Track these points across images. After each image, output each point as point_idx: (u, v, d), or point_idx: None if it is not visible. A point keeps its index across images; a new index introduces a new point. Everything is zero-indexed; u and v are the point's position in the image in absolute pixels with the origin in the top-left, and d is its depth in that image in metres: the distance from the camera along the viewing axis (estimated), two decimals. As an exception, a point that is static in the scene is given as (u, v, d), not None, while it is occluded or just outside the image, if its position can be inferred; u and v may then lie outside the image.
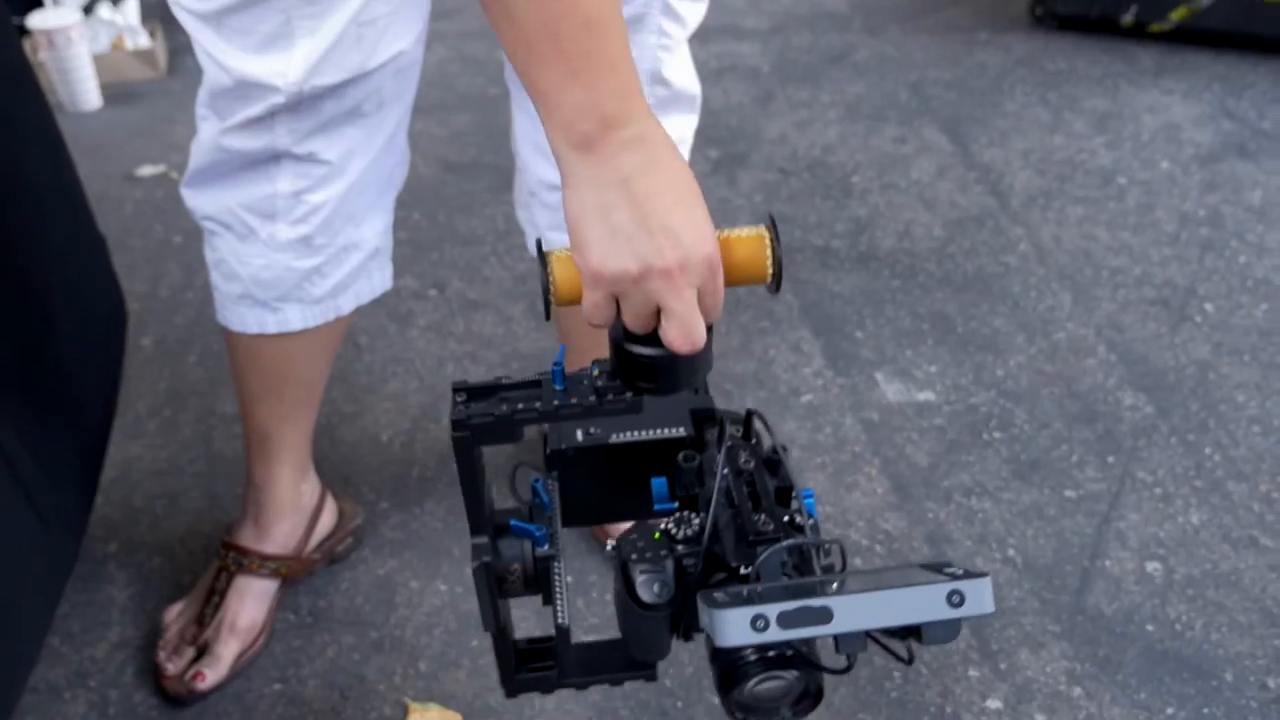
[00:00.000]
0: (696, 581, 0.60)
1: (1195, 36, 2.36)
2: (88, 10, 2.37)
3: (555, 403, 0.60)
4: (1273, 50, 2.32)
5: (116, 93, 2.23)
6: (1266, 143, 2.04)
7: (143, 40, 2.30)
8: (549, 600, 0.65)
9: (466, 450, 0.61)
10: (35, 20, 2.09)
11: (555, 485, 0.67)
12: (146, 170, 1.97)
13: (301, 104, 0.86)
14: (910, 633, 0.54)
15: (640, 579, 0.60)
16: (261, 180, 0.92)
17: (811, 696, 0.58)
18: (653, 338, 0.59)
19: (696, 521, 0.62)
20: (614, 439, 0.68)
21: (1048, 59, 2.36)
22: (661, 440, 0.68)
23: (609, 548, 0.64)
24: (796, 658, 0.56)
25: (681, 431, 0.68)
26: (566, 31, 0.51)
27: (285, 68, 0.83)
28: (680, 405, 0.69)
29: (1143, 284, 1.69)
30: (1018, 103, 2.19)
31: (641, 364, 0.60)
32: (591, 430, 0.68)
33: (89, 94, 2.17)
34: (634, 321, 0.58)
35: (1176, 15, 2.32)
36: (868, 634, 0.54)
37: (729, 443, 0.62)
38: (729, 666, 0.57)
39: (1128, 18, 2.36)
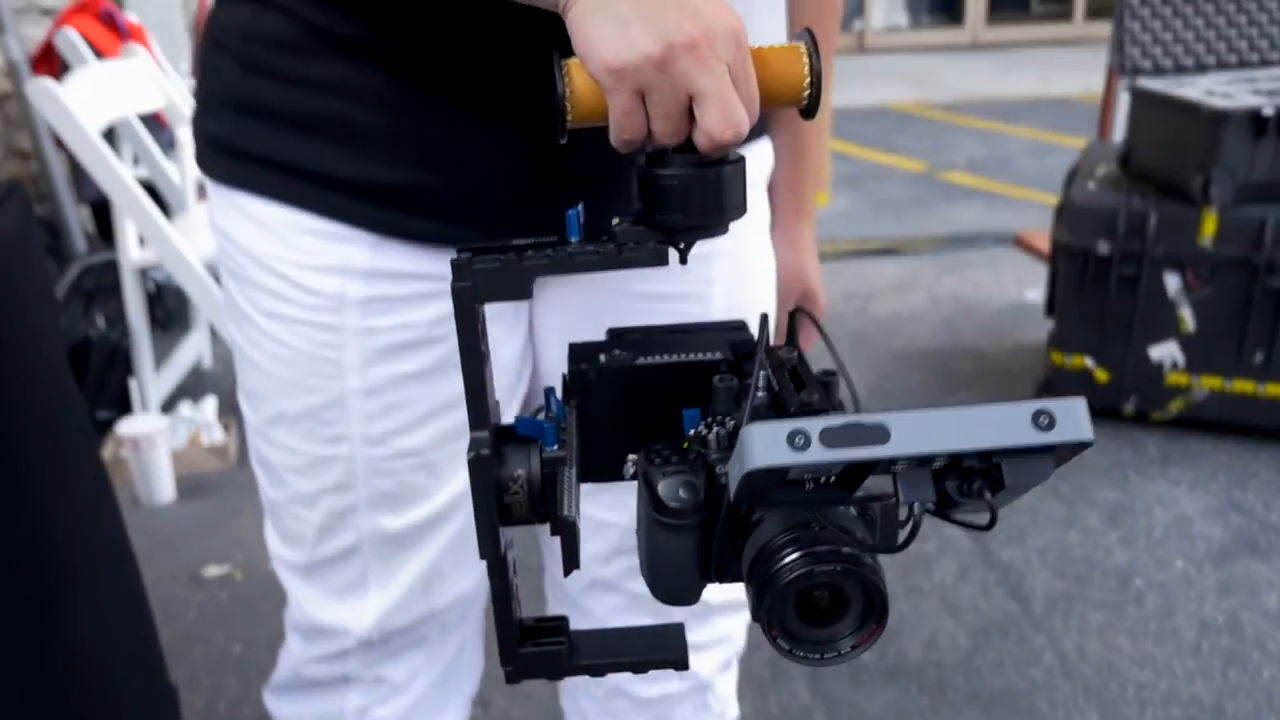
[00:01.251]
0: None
1: (1196, 424, 2.51)
2: (168, 406, 2.60)
3: (569, 252, 0.53)
4: (1272, 438, 2.46)
5: (189, 484, 2.40)
6: (1275, 538, 2.13)
7: (217, 435, 2.50)
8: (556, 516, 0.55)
9: (468, 307, 0.52)
10: (124, 427, 2.29)
11: (573, 412, 0.59)
12: (212, 570, 2.10)
13: (372, 645, 0.96)
14: (988, 479, 0.44)
15: (663, 482, 0.52)
16: (333, 697, 1.02)
17: (875, 615, 0.48)
18: (683, 153, 0.54)
19: (732, 423, 0.54)
20: (642, 361, 0.59)
21: (1058, 446, 2.50)
22: (695, 363, 0.59)
23: (628, 464, 0.56)
24: (844, 554, 0.46)
25: (718, 355, 0.59)
26: None
27: (359, 616, 0.94)
28: (718, 336, 0.62)
29: (1170, 702, 1.73)
30: (1031, 494, 2.31)
31: (670, 188, 0.54)
32: (617, 352, 0.60)
33: (164, 489, 2.34)
34: (665, 124, 0.53)
35: (1175, 406, 2.49)
36: (934, 477, 0.44)
37: (767, 334, 0.56)
38: (764, 556, 0.48)
39: (1129, 408, 2.52)
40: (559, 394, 0.59)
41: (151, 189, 2.75)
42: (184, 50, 4.41)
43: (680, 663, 0.58)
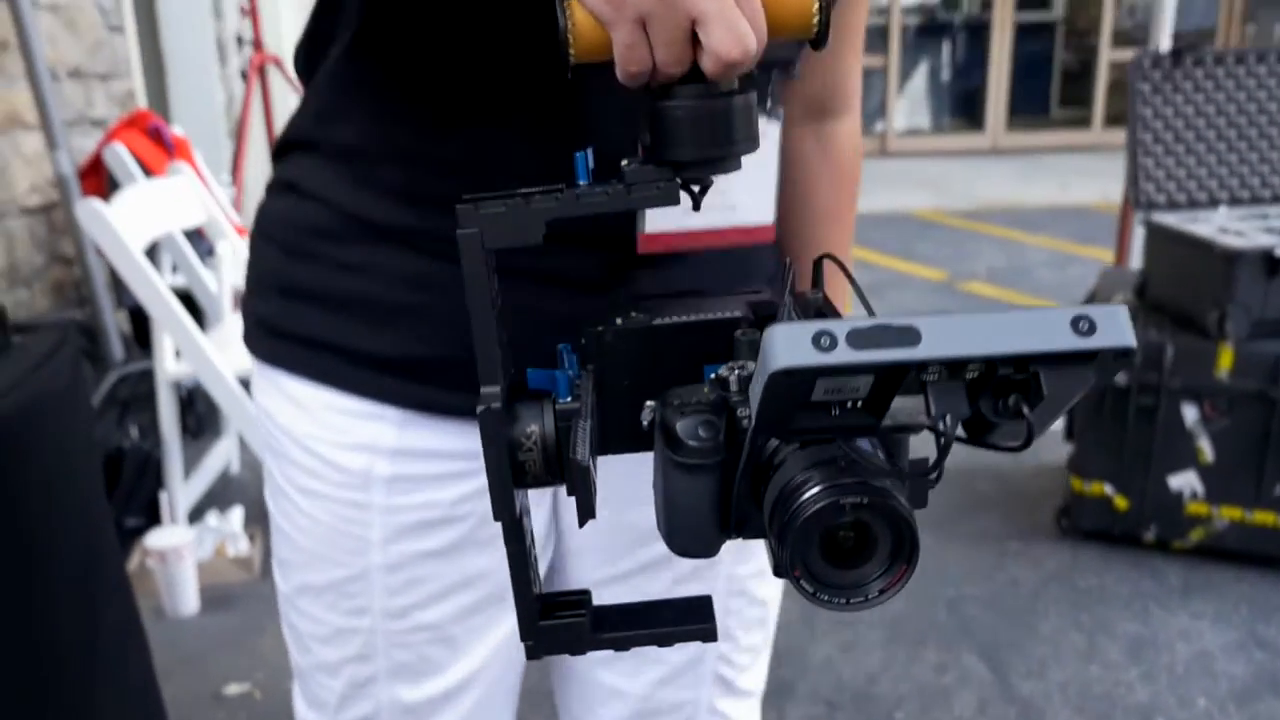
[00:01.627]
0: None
1: (1217, 554, 2.50)
2: (196, 513, 2.64)
3: (577, 194, 0.52)
4: (1294, 570, 2.45)
5: (213, 596, 2.43)
6: (1300, 677, 2.11)
7: (243, 546, 2.54)
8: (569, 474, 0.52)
9: (476, 253, 0.50)
10: (152, 539, 2.33)
11: (590, 376, 0.56)
12: (233, 689, 2.11)
13: None
14: (1024, 392, 0.42)
15: (682, 421, 0.49)
16: None
17: (905, 554, 0.46)
18: (691, 81, 0.52)
19: (753, 366, 0.51)
20: (660, 321, 0.57)
21: (1078, 574, 2.50)
22: (715, 321, 0.56)
23: (645, 410, 0.54)
24: (872, 486, 0.44)
25: (738, 313, 0.57)
26: None
27: None
28: (737, 298, 0.60)
29: None
30: (1052, 624, 2.30)
31: (678, 119, 0.52)
32: (634, 314, 0.58)
33: (188, 600, 2.37)
34: (669, 52, 0.52)
35: (1195, 535, 2.48)
36: (968, 390, 0.42)
37: (793, 274, 0.53)
38: (786, 495, 0.45)
39: (1149, 535, 2.52)
40: (571, 357, 0.56)
41: (188, 297, 2.84)
42: (225, 157, 4.56)
43: (709, 634, 0.55)
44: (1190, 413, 2.37)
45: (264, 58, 4.16)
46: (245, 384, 2.57)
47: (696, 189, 0.56)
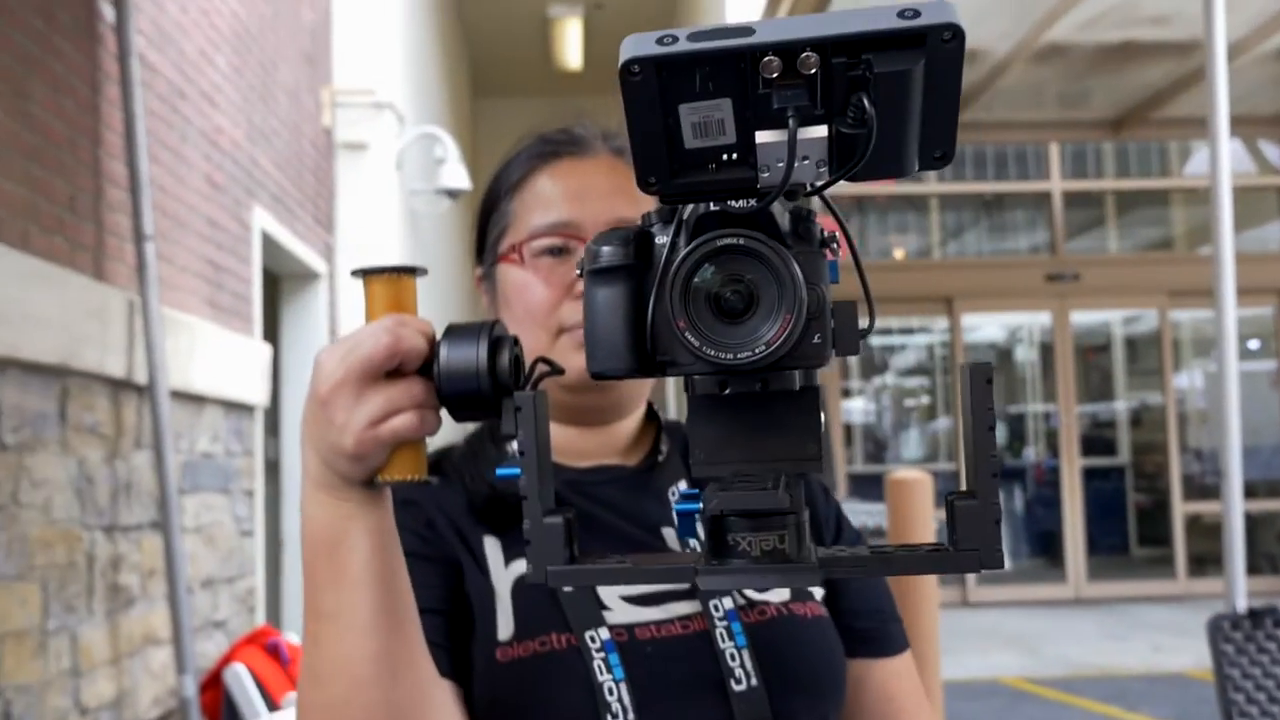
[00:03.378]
0: None
1: None
2: None
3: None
4: None
5: None
6: None
7: None
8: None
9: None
10: None
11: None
12: None
13: None
14: (864, 87, 0.45)
15: (595, 240, 0.61)
16: None
17: (790, 304, 0.51)
18: None
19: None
20: None
21: None
22: None
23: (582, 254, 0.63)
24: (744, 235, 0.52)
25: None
26: None
27: None
28: None
29: None
30: None
31: None
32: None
33: None
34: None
35: None
36: (809, 86, 0.46)
37: None
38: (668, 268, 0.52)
39: None
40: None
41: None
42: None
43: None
44: None
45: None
46: None
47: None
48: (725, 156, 0.51)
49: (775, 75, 0.47)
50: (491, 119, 10.80)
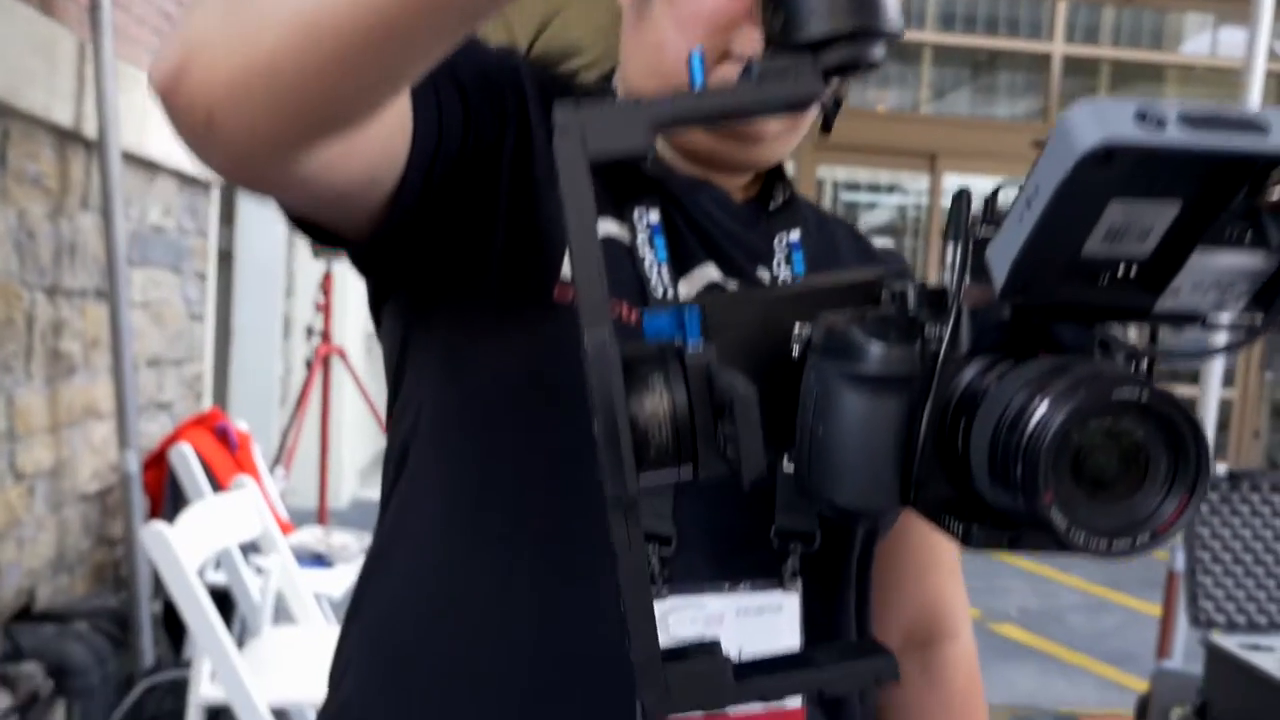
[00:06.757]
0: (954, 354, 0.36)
1: None
2: None
3: (696, 94, 0.43)
4: None
5: None
6: None
7: None
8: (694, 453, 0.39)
9: (575, 161, 0.40)
10: None
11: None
12: None
13: None
14: None
15: (862, 328, 0.39)
16: None
17: (1190, 476, 0.34)
18: None
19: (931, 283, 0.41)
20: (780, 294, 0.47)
21: None
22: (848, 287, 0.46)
23: (794, 340, 0.43)
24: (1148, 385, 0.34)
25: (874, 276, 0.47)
26: None
27: None
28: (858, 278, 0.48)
29: None
30: None
31: None
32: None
33: None
34: None
35: None
36: None
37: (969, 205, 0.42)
38: (1015, 411, 0.34)
39: None
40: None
41: (225, 598, 2.82)
42: (276, 428, 4.66)
43: (889, 673, 0.44)
44: None
45: (330, 349, 4.33)
46: (278, 714, 2.50)
47: (837, 83, 0.48)
48: (1123, 271, 0.38)
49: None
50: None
